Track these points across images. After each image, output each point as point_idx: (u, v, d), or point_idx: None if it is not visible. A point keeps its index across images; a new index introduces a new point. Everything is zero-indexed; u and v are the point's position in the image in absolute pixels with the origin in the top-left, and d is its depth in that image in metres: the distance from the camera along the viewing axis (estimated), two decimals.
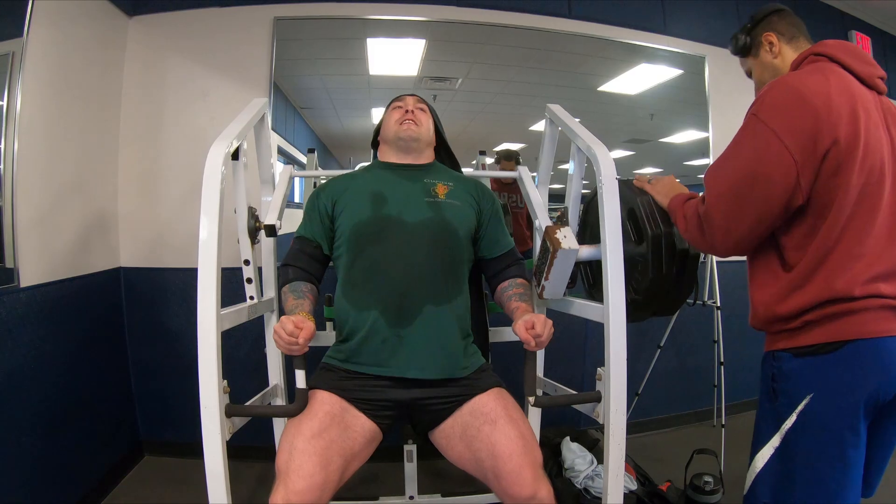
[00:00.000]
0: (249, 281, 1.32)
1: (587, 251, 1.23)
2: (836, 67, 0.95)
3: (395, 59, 2.29)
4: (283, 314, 1.18)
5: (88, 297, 1.85)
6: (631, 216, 1.22)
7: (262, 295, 1.41)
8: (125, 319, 2.06)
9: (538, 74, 2.37)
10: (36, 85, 1.57)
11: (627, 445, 1.10)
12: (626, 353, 1.08)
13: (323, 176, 1.75)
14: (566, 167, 1.39)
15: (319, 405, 1.09)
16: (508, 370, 1.36)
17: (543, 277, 1.26)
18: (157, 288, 2.08)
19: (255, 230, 1.32)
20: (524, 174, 1.61)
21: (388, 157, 1.35)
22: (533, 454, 1.06)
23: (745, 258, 1.04)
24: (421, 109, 1.36)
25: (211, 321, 1.00)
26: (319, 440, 1.01)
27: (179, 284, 2.08)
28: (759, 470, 0.97)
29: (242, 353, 1.93)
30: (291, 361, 1.07)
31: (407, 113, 1.32)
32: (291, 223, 1.40)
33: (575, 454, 1.81)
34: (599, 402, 1.12)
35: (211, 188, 1.04)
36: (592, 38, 2.38)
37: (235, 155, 1.25)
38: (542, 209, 1.47)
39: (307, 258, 1.26)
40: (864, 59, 0.98)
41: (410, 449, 1.61)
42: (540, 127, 1.61)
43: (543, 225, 1.43)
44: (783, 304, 0.93)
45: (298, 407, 1.07)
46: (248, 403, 1.19)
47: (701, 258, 1.29)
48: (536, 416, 1.57)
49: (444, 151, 1.48)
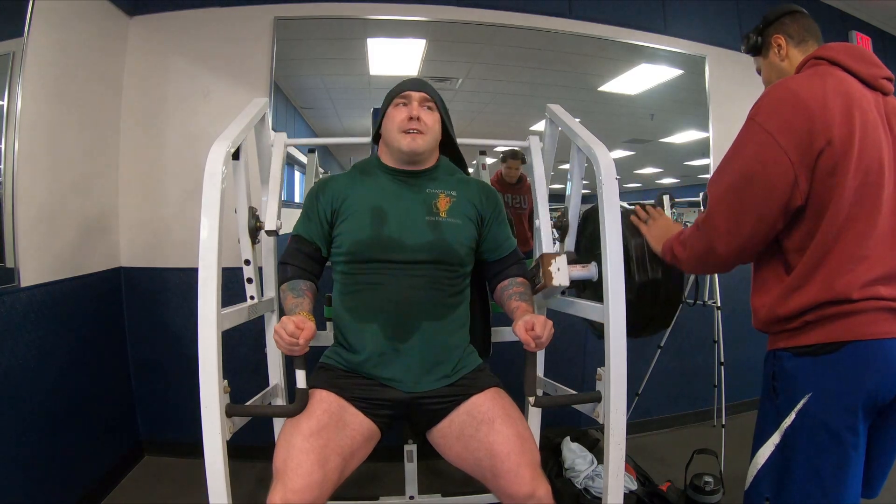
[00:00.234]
0: (250, 281, 1.32)
1: (578, 273, 1.24)
2: (835, 70, 0.96)
3: (395, 59, 2.29)
4: (283, 313, 1.18)
5: (89, 296, 1.85)
6: (623, 252, 1.24)
7: (262, 295, 1.41)
8: (125, 319, 2.06)
9: (538, 74, 2.37)
10: (36, 85, 1.57)
11: (627, 445, 1.10)
12: (626, 353, 1.08)
13: (322, 170, 1.75)
14: (566, 167, 1.39)
15: (317, 404, 1.08)
16: (509, 370, 1.36)
17: (533, 290, 1.29)
18: (157, 288, 2.08)
19: (255, 230, 1.32)
20: (534, 146, 1.58)
21: (389, 160, 1.28)
22: (531, 453, 1.06)
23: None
24: (428, 108, 1.24)
25: (211, 321, 1.00)
26: (317, 438, 1.01)
27: (180, 284, 2.08)
28: (760, 466, 0.98)
29: (243, 352, 1.93)
30: (292, 361, 1.07)
31: (412, 121, 1.20)
32: (292, 224, 1.40)
33: (575, 454, 1.81)
34: (599, 402, 1.12)
35: (211, 188, 1.04)
36: (593, 38, 2.38)
37: (236, 155, 1.25)
38: (544, 197, 1.47)
39: (305, 257, 1.25)
40: (868, 60, 0.98)
41: (410, 449, 1.61)
42: (540, 127, 1.61)
43: (543, 228, 1.44)
44: (783, 305, 0.94)
45: (299, 407, 1.07)
46: (248, 403, 1.19)
47: (685, 293, 1.37)
48: (537, 416, 1.57)
49: (449, 144, 1.38)
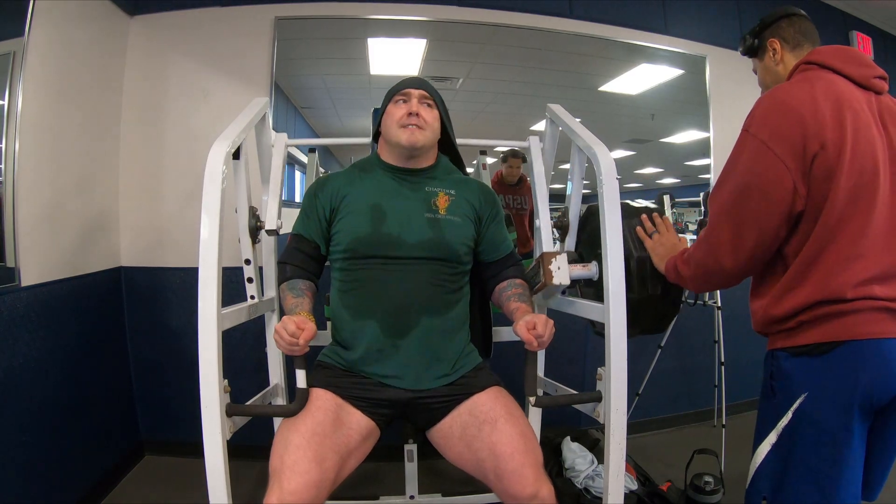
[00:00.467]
0: (250, 280, 1.32)
1: (578, 272, 1.24)
2: (825, 73, 0.97)
3: (395, 58, 2.29)
4: (283, 313, 1.18)
5: (89, 296, 1.85)
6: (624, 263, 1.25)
7: (262, 294, 1.41)
8: (126, 319, 2.06)
9: (539, 74, 2.37)
10: (37, 85, 1.57)
11: (628, 445, 1.10)
12: (626, 352, 1.08)
13: (322, 169, 1.75)
14: (567, 167, 1.39)
15: (314, 402, 1.08)
16: (509, 370, 1.36)
17: (532, 292, 1.29)
18: (157, 287, 2.08)
19: (255, 230, 1.32)
20: (534, 146, 1.58)
21: (388, 157, 1.29)
22: (534, 453, 1.06)
23: None
24: (427, 105, 1.25)
25: (212, 320, 1.00)
26: (314, 437, 1.00)
27: (180, 284, 2.08)
28: (758, 465, 0.99)
29: (243, 352, 1.93)
30: (292, 361, 1.07)
31: (411, 116, 1.21)
32: (293, 224, 1.40)
33: (575, 454, 1.81)
34: (600, 401, 1.12)
35: (212, 187, 1.04)
36: (593, 38, 2.38)
37: (236, 154, 1.25)
38: (544, 198, 1.47)
39: (304, 256, 1.25)
40: (858, 61, 0.99)
41: (411, 448, 1.61)
42: (541, 127, 1.61)
43: (543, 228, 1.44)
44: (777, 305, 0.95)
45: (299, 406, 1.06)
46: (248, 403, 1.19)
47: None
48: (537, 415, 1.57)
49: (448, 143, 1.39)
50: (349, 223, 1.21)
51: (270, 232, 1.35)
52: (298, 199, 2.15)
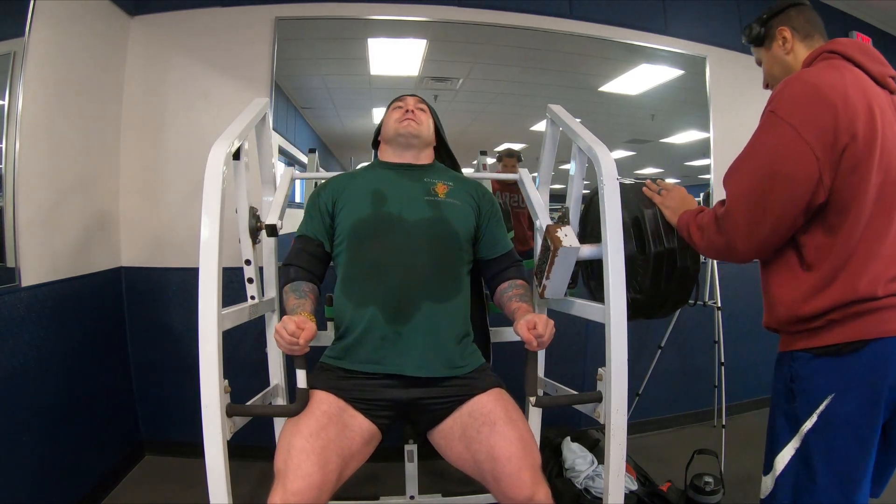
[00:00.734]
0: (250, 281, 1.32)
1: (588, 250, 1.23)
2: (849, 65, 0.94)
3: (396, 59, 2.29)
4: (284, 313, 1.18)
5: (90, 296, 1.85)
6: (635, 225, 1.21)
7: (262, 295, 1.41)
8: (126, 319, 2.06)
9: (539, 75, 2.37)
10: (37, 85, 1.57)
11: (628, 446, 1.10)
12: (626, 353, 1.08)
13: (322, 170, 1.75)
14: (567, 167, 1.39)
15: (317, 405, 1.09)
16: (509, 370, 1.37)
17: (545, 276, 1.25)
18: (158, 287, 2.08)
19: (256, 230, 1.33)
20: (524, 176, 1.61)
21: (388, 156, 1.36)
22: (532, 456, 1.06)
23: None
24: (421, 109, 1.37)
25: (212, 321, 1.01)
26: (317, 440, 1.01)
27: (181, 284, 2.08)
28: (779, 473, 0.95)
29: (243, 352, 1.93)
30: (292, 361, 1.07)
31: (407, 112, 1.33)
32: (293, 223, 1.40)
33: (575, 454, 1.81)
34: (600, 402, 1.12)
35: (212, 188, 1.04)
36: (593, 38, 2.38)
37: (237, 155, 1.25)
38: (542, 210, 1.47)
39: (309, 257, 1.26)
40: (876, 58, 0.97)
41: (411, 449, 1.61)
42: (541, 127, 1.61)
43: (544, 225, 1.44)
44: (807, 305, 0.91)
45: (299, 407, 1.07)
46: (248, 403, 1.19)
47: (701, 259, 1.30)
48: (537, 416, 1.57)
49: (444, 152, 1.49)
50: (350, 208, 1.26)
51: (271, 232, 1.35)
52: (298, 199, 2.15)
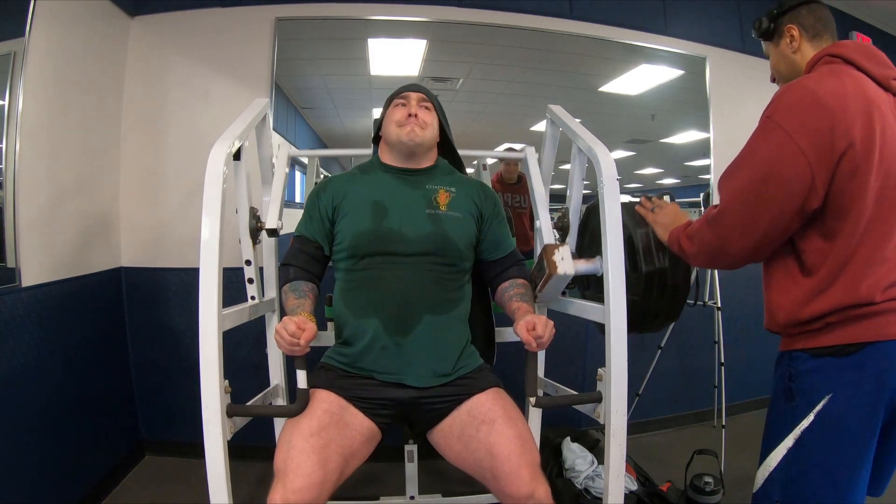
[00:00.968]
0: (251, 281, 1.33)
1: (583, 266, 1.23)
2: (851, 69, 0.94)
3: (396, 59, 2.29)
4: (283, 314, 1.18)
5: (90, 296, 1.85)
6: (627, 244, 1.22)
7: (263, 295, 1.41)
8: (126, 319, 2.06)
9: (539, 75, 2.37)
10: (38, 85, 1.57)
11: (628, 446, 1.10)
12: (626, 353, 1.08)
13: (323, 170, 1.75)
14: (567, 167, 1.39)
15: (318, 404, 1.08)
16: (510, 370, 1.37)
17: (538, 289, 1.27)
18: (158, 288, 2.08)
19: (256, 230, 1.33)
20: (530, 157, 1.59)
21: (389, 158, 1.31)
22: (531, 454, 1.06)
23: None
24: (426, 108, 1.28)
25: (212, 321, 1.01)
26: (318, 438, 1.01)
27: (181, 284, 2.08)
28: (772, 468, 0.97)
29: (243, 352, 1.93)
30: (292, 361, 1.07)
31: (410, 118, 1.25)
32: (292, 223, 1.40)
33: (575, 454, 1.81)
34: (600, 402, 1.12)
35: (212, 188, 1.04)
36: (593, 38, 2.38)
37: (237, 155, 1.25)
38: (543, 202, 1.47)
39: (307, 257, 1.25)
40: (880, 61, 0.97)
41: (411, 449, 1.61)
42: (541, 127, 1.61)
43: (543, 226, 1.44)
44: (806, 308, 0.92)
45: (299, 407, 1.07)
46: (249, 403, 1.19)
47: (692, 277, 1.32)
48: (537, 416, 1.58)
49: (447, 147, 1.42)
50: (351, 220, 1.22)
51: (271, 233, 1.35)
52: (298, 199, 2.15)
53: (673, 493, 1.74)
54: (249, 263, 1.32)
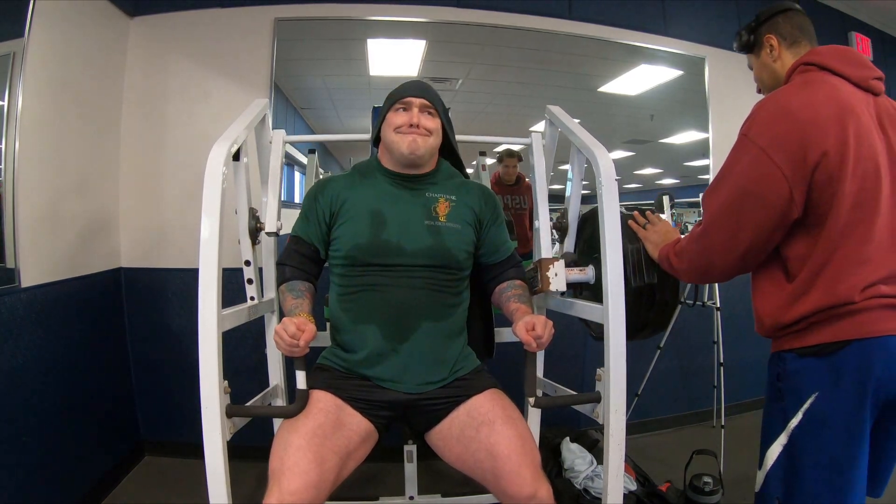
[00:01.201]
0: (250, 282, 1.33)
1: (576, 276, 1.25)
2: (825, 76, 0.96)
3: (395, 59, 2.30)
4: (282, 314, 1.18)
5: (89, 297, 1.85)
6: None
7: (262, 296, 1.41)
8: (126, 320, 2.06)
9: (538, 75, 2.38)
10: (37, 85, 1.57)
11: (627, 446, 1.10)
12: (625, 353, 1.08)
13: (322, 171, 1.74)
14: (566, 168, 1.39)
15: (314, 404, 1.08)
16: (509, 370, 1.37)
17: (531, 293, 1.30)
18: (157, 288, 2.08)
19: (256, 231, 1.33)
20: (535, 142, 1.55)
21: (389, 163, 1.27)
22: (532, 454, 1.06)
23: None
24: (429, 114, 1.23)
25: (212, 321, 1.01)
26: (314, 438, 1.01)
27: (180, 285, 2.08)
28: (769, 467, 0.98)
29: (243, 353, 1.93)
30: (292, 362, 1.07)
31: (412, 128, 1.20)
32: (292, 224, 1.40)
33: (575, 455, 1.81)
34: (599, 402, 1.12)
35: (212, 189, 1.04)
36: (592, 38, 2.38)
37: (237, 156, 1.25)
38: (543, 196, 1.47)
39: (303, 258, 1.25)
40: (857, 62, 0.98)
41: (410, 449, 1.61)
42: (540, 128, 1.60)
43: (543, 226, 1.44)
44: (788, 312, 0.94)
45: (299, 407, 1.07)
46: (248, 404, 1.19)
47: (681, 294, 1.33)
48: (536, 416, 1.57)
49: (448, 149, 1.37)
50: (349, 229, 1.20)
51: (270, 233, 1.35)
52: (298, 199, 2.15)
53: (672, 493, 1.74)
54: (249, 264, 1.32)
